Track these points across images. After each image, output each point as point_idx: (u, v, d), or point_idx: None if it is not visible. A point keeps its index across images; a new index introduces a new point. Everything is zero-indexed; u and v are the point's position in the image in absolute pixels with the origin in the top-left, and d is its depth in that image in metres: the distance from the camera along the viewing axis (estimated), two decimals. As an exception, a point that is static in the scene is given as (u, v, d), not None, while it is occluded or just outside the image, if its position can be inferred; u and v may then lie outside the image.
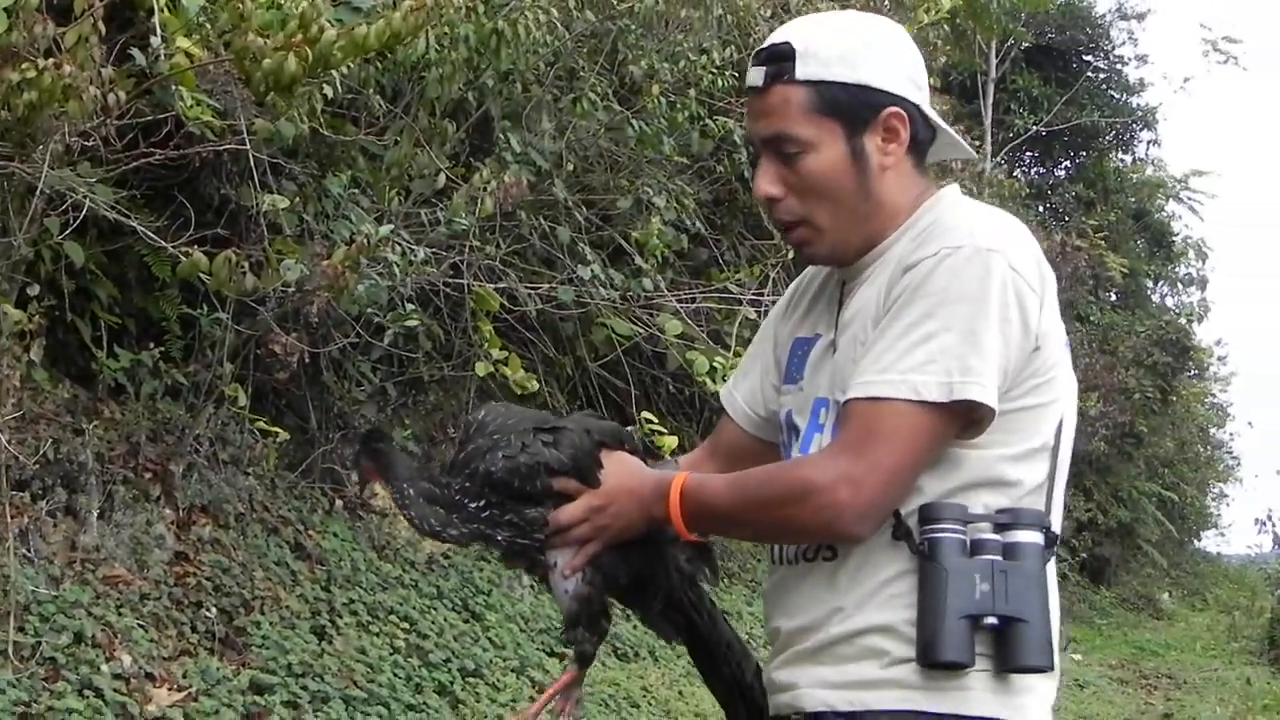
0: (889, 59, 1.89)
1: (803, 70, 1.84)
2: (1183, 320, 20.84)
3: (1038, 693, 1.81)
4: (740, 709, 2.05)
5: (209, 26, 4.12)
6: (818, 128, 1.85)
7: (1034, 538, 1.78)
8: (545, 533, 1.91)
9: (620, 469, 1.95)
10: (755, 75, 1.89)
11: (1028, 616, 1.74)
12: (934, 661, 1.74)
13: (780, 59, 1.86)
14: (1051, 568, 1.84)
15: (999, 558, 1.76)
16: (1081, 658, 12.35)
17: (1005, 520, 1.79)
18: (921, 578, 1.77)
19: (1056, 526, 1.85)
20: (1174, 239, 22.34)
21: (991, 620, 1.74)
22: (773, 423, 2.07)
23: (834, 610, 1.83)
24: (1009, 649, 1.76)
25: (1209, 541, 26.36)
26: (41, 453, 4.20)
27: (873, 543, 1.80)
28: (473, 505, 1.92)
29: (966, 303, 1.75)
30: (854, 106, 1.85)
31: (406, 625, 5.26)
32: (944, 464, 1.79)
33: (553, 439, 1.93)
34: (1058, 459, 1.85)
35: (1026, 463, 1.82)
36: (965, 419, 1.77)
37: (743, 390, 2.15)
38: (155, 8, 3.90)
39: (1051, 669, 1.79)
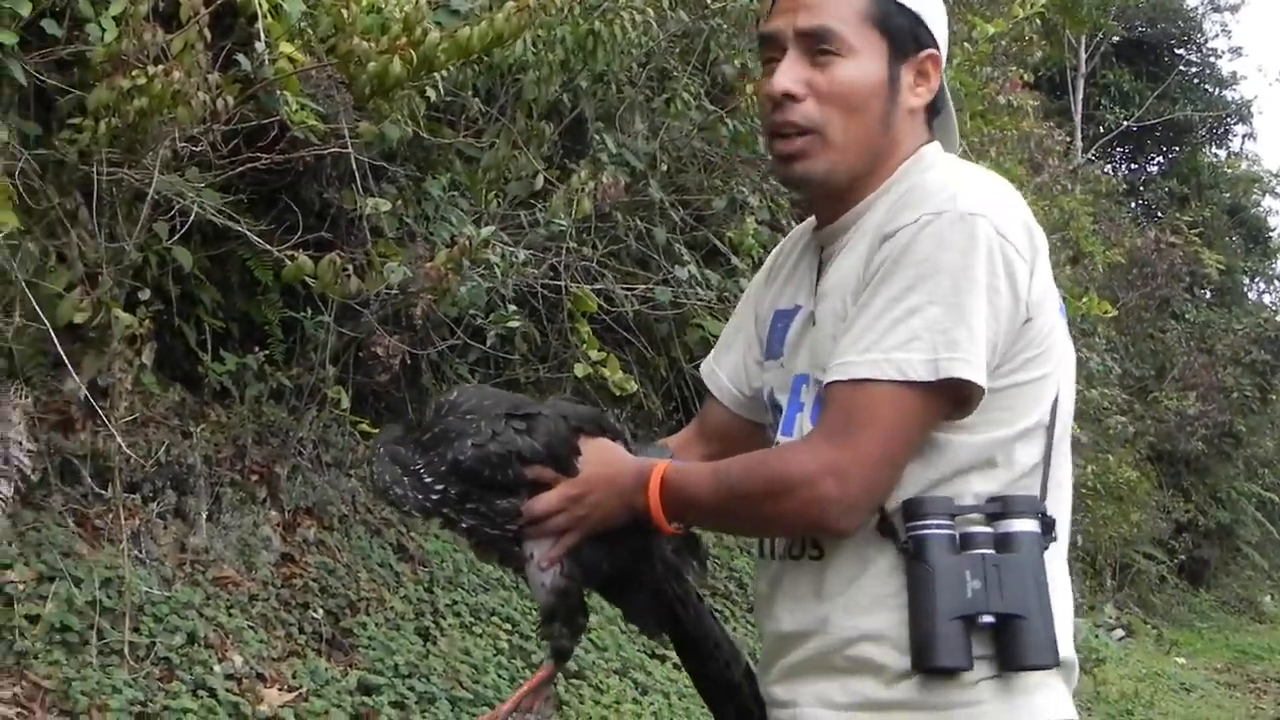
0: (937, 12, 1.83)
1: None
2: (1279, 317, 20.43)
3: (1050, 686, 1.70)
4: (729, 710, 1.94)
5: (310, 31, 4.15)
6: (865, 37, 1.75)
7: (1029, 526, 1.67)
8: (519, 523, 1.80)
9: (599, 456, 1.83)
10: None
11: (1025, 612, 1.63)
12: (929, 667, 1.64)
13: None
14: (1058, 554, 1.74)
15: (990, 551, 1.65)
16: (1186, 661, 12.13)
17: (996, 509, 1.67)
18: (910, 578, 1.66)
19: (1057, 510, 1.73)
20: (1270, 235, 21.92)
21: (987, 619, 1.63)
22: (758, 401, 1.97)
23: (824, 615, 1.73)
24: (1010, 648, 1.64)
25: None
26: (155, 456, 4.25)
27: (858, 540, 1.70)
28: (438, 487, 1.80)
29: (950, 273, 1.63)
30: (905, 31, 1.77)
31: (509, 627, 5.26)
32: (929, 450, 1.68)
33: (526, 425, 1.82)
34: (1053, 437, 1.73)
35: (1020, 444, 1.70)
36: (954, 399, 1.65)
37: (726, 368, 2.04)
38: (259, 14, 3.94)
39: (1057, 665, 1.67)
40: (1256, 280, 22.26)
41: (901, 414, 1.64)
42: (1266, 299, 22.43)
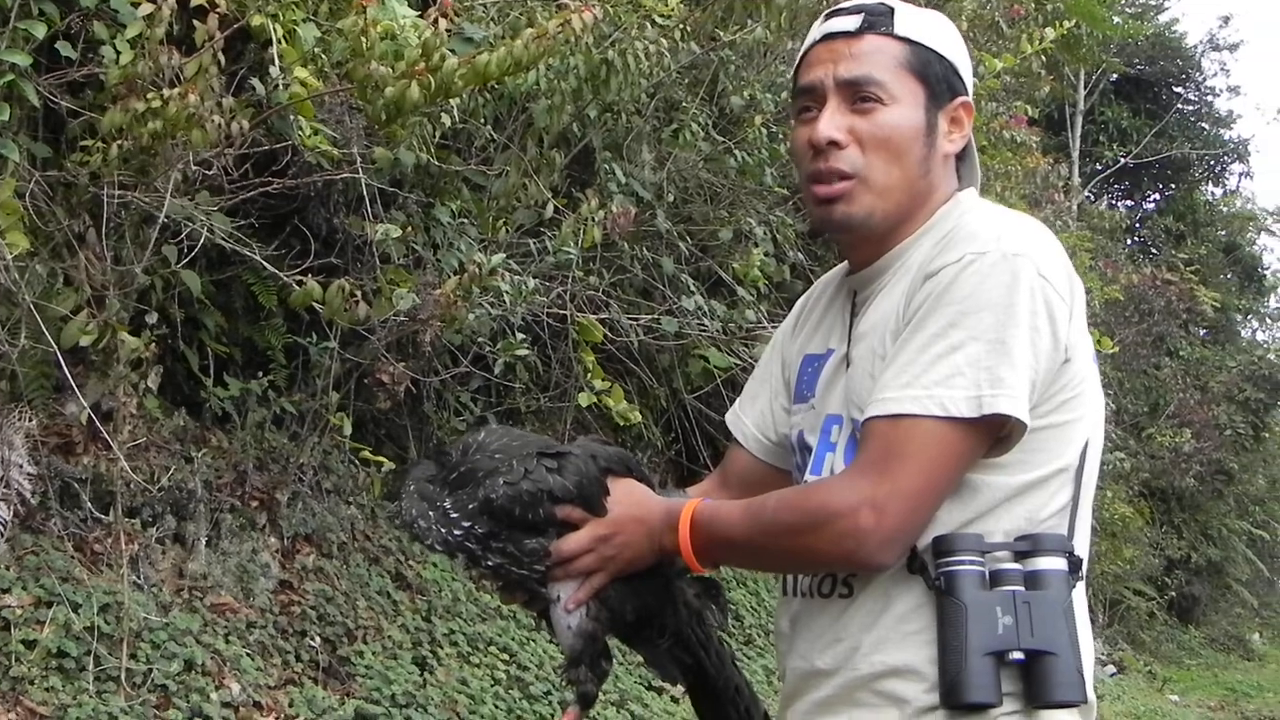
0: (966, 60, 1.88)
1: (902, 26, 1.81)
2: (1272, 355, 20.48)
3: None
4: None
5: (324, 57, 4.13)
6: (905, 85, 1.79)
7: (1057, 564, 1.67)
8: (547, 564, 1.79)
9: (628, 497, 1.84)
10: (846, 22, 1.82)
11: (1055, 649, 1.63)
12: (959, 703, 1.63)
13: (878, 13, 1.81)
14: (1080, 595, 1.73)
15: (1021, 588, 1.65)
16: (1179, 698, 12.10)
17: (1025, 548, 1.68)
18: (940, 614, 1.66)
19: (1082, 553, 1.73)
20: (1265, 273, 22.00)
21: (1017, 655, 1.63)
22: (784, 447, 1.98)
23: (851, 650, 1.73)
24: (1038, 684, 1.63)
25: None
26: (156, 481, 4.22)
27: (888, 576, 1.71)
28: (465, 523, 1.79)
29: (993, 310, 1.64)
30: (941, 78, 1.81)
31: (507, 657, 5.23)
32: (962, 489, 1.68)
33: (557, 465, 1.80)
34: (1082, 482, 1.74)
35: (1049, 486, 1.71)
36: (994, 436, 1.67)
37: (751, 415, 2.05)
38: (273, 39, 3.92)
39: (1085, 702, 1.66)
40: (1250, 318, 22.32)
41: (942, 450, 1.64)
42: (1260, 336, 22.51)
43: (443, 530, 1.80)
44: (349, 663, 4.60)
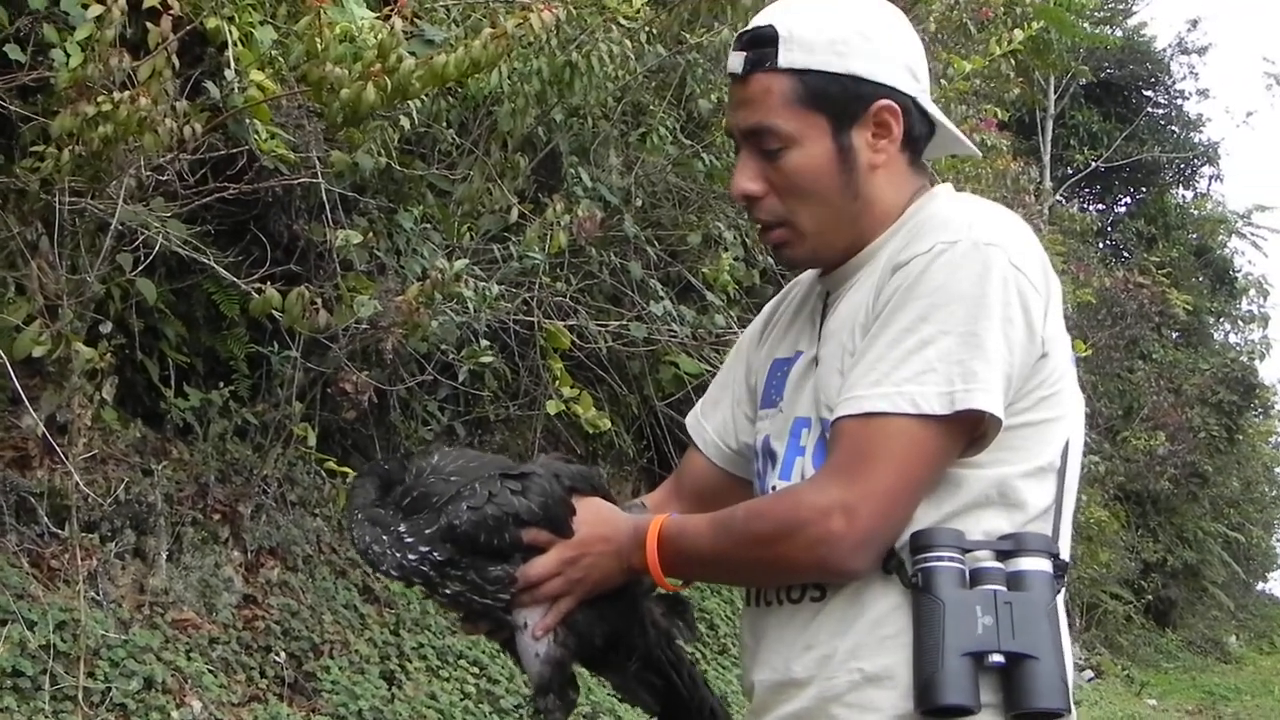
0: (883, 47, 1.72)
1: (786, 58, 1.68)
2: (1244, 358, 20.57)
3: None
4: None
5: (281, 60, 4.05)
6: (801, 121, 1.69)
7: (1041, 565, 1.60)
8: (512, 590, 1.71)
9: (594, 516, 1.75)
10: (735, 61, 1.72)
11: (1038, 653, 1.54)
12: (934, 706, 1.54)
13: (762, 44, 1.70)
14: (1060, 600, 1.65)
15: (1002, 588, 1.57)
16: (1157, 703, 12.09)
17: (1008, 547, 1.60)
18: (916, 612, 1.58)
19: (1065, 556, 1.66)
20: (1236, 275, 22.09)
21: (997, 658, 1.54)
22: (744, 456, 1.90)
23: (824, 659, 1.65)
24: (1019, 691, 1.55)
25: (1276, 583, 25.92)
26: (114, 494, 4.13)
27: (863, 579, 1.63)
28: (422, 548, 1.70)
29: (965, 302, 1.57)
30: (842, 99, 1.69)
31: (476, 670, 5.15)
32: (940, 486, 1.61)
33: (521, 486, 1.72)
34: (1064, 483, 1.67)
35: (1031, 484, 1.64)
36: (969, 433, 1.60)
37: (713, 421, 1.97)
38: (229, 41, 3.84)
39: (1068, 711, 1.58)
40: (1222, 321, 22.41)
41: (914, 448, 1.58)
42: (1233, 339, 22.59)
43: (397, 555, 1.71)
44: (315, 678, 4.52)
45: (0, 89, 3.72)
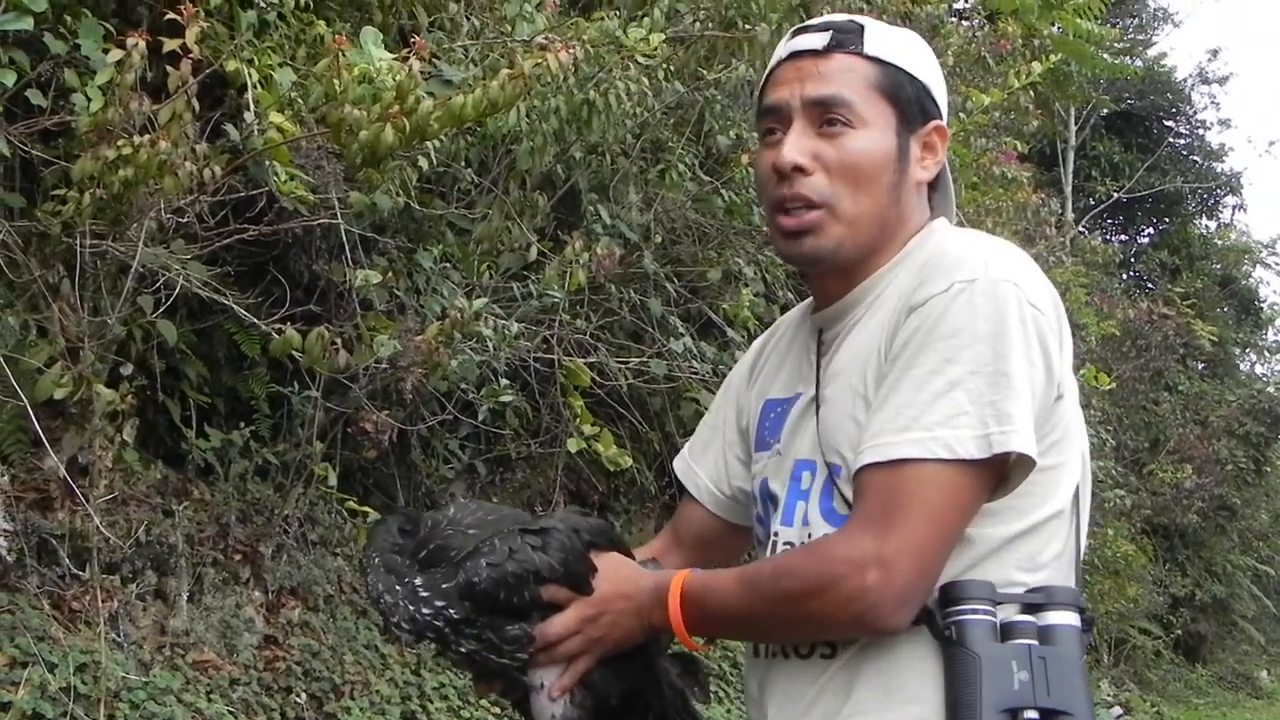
0: (940, 82, 1.77)
1: (872, 45, 1.70)
2: (1271, 389, 20.41)
3: None
4: None
5: (301, 102, 4.08)
6: (875, 107, 1.68)
7: (1070, 619, 1.56)
8: (530, 650, 1.66)
9: (613, 572, 1.71)
10: (813, 39, 1.71)
11: (1073, 709, 1.50)
12: None
13: (847, 30, 1.71)
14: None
15: (1035, 642, 1.53)
16: (1187, 739, 11.94)
17: (1038, 600, 1.56)
18: (949, 666, 1.53)
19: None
20: (1261, 305, 21.98)
21: (1032, 715, 1.49)
22: (740, 501, 1.87)
23: (827, 716, 1.61)
24: None
25: (1306, 617, 25.59)
26: (135, 536, 4.13)
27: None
28: (437, 602, 1.65)
29: (990, 341, 1.53)
30: (913, 101, 1.71)
31: (499, 710, 5.12)
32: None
33: (541, 542, 1.68)
34: (1079, 529, 1.64)
35: (1043, 533, 1.60)
36: (998, 477, 1.55)
37: (705, 466, 1.93)
38: (249, 84, 3.87)
39: None
40: (1248, 351, 22.27)
41: (949, 496, 1.53)
42: (1259, 370, 22.46)
43: (410, 608, 1.66)
44: (336, 719, 4.50)
45: (22, 133, 3.75)
